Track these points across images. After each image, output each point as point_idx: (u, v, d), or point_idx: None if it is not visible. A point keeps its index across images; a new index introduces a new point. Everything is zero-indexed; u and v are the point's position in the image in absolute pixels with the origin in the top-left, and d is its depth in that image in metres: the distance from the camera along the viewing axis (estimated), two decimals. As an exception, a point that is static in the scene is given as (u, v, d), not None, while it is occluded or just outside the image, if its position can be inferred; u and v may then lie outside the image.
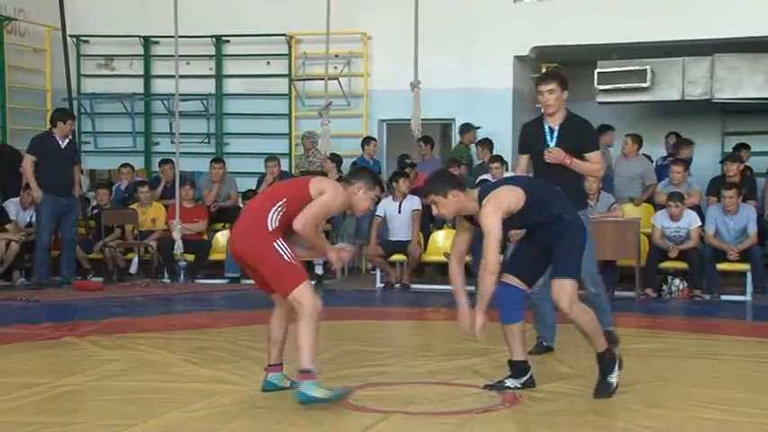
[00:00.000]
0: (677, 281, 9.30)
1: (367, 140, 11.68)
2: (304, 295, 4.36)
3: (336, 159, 11.00)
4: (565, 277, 4.56)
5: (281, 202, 4.46)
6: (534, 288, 5.07)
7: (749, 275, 9.13)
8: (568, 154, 5.73)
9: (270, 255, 4.38)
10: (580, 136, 5.87)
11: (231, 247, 4.67)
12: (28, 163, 9.81)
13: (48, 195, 9.75)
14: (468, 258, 9.76)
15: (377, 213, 10.39)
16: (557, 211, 4.63)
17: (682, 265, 9.31)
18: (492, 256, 4.49)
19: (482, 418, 4.31)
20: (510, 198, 4.55)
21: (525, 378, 4.76)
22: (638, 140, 10.61)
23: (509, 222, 4.59)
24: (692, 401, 4.63)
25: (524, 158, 6.05)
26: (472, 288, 5.07)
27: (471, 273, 6.77)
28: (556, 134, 5.82)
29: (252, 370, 5.35)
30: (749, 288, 9.11)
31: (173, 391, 4.83)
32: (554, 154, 5.75)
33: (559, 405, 4.54)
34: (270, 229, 4.41)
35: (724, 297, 9.13)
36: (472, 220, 4.71)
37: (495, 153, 10.95)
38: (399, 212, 10.27)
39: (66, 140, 10.01)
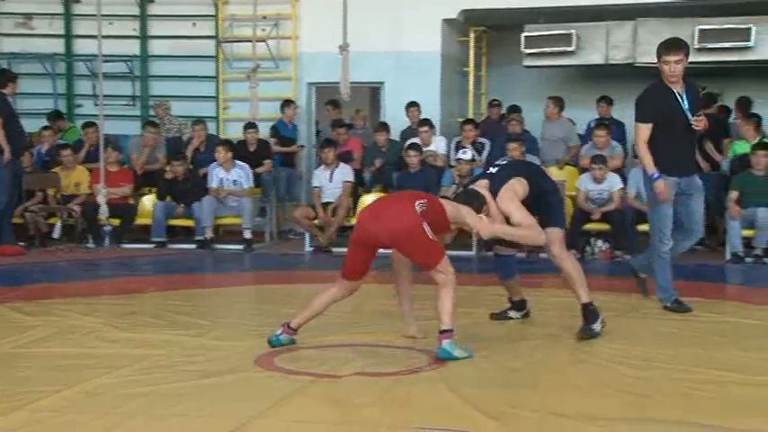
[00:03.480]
0: (600, 242, 9.51)
1: (286, 103, 11.59)
2: (446, 268, 4.78)
3: (229, 145, 10.63)
4: (555, 227, 5.29)
5: (422, 201, 4.87)
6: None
7: (669, 236, 9.37)
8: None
9: (419, 234, 4.75)
10: (700, 99, 6.24)
11: (368, 229, 4.88)
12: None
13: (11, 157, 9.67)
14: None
15: (315, 185, 10.38)
16: (543, 186, 5.35)
17: (604, 226, 9.52)
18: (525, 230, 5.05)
19: (410, 378, 4.37)
20: (520, 189, 5.16)
21: (524, 311, 5.87)
22: (559, 103, 10.78)
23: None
24: (614, 358, 4.78)
25: (648, 127, 6.09)
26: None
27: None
28: (686, 99, 6.04)
29: (179, 334, 5.32)
30: (669, 249, 9.36)
31: (99, 356, 4.78)
32: (702, 122, 6.02)
33: (486, 366, 4.63)
34: (418, 212, 4.80)
35: (645, 258, 9.36)
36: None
37: (423, 117, 10.99)
38: (330, 181, 10.26)
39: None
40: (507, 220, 5.10)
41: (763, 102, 11.03)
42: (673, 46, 6.05)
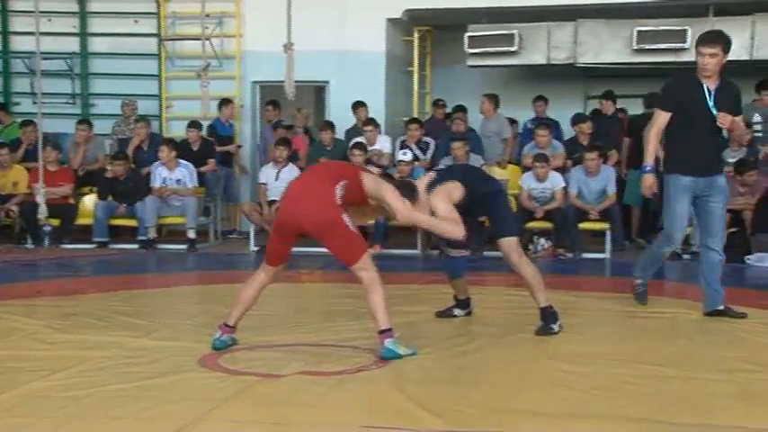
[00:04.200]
0: (543, 240, 9.63)
1: (224, 102, 11.48)
2: (369, 265, 4.70)
3: (172, 144, 10.57)
4: (510, 236, 5.34)
5: (343, 182, 4.74)
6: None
7: (608, 234, 9.55)
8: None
9: (339, 225, 4.66)
10: (734, 100, 5.80)
11: (289, 213, 4.80)
12: None
13: None
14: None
15: (261, 182, 10.34)
16: (482, 188, 5.34)
17: (547, 225, 9.65)
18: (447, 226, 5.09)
19: (355, 378, 4.38)
20: (456, 192, 5.18)
21: (468, 309, 5.93)
22: (493, 100, 10.93)
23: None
24: (556, 354, 4.85)
25: (665, 116, 5.70)
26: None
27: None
28: (713, 96, 5.64)
29: (121, 335, 5.26)
30: (608, 246, 9.53)
31: (38, 359, 4.70)
32: (728, 119, 5.61)
33: (431, 365, 4.66)
34: (338, 202, 4.69)
35: (586, 255, 9.52)
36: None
37: (368, 116, 11.00)
38: (276, 180, 10.22)
39: None
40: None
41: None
42: (708, 38, 5.68)
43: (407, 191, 5.02)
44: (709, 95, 5.65)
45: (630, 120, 10.88)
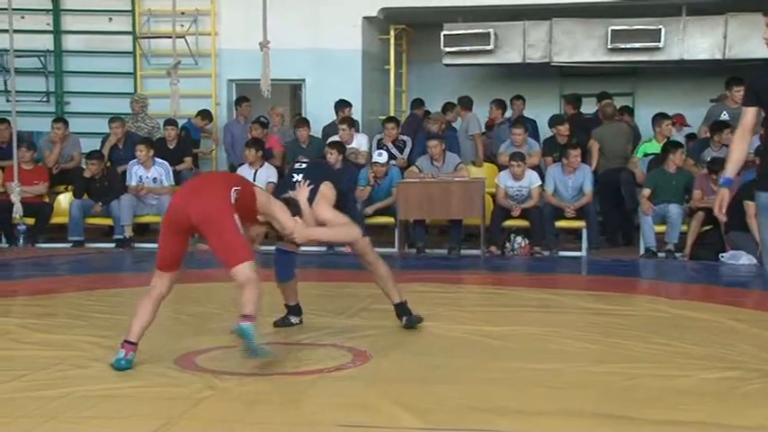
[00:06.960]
0: (519, 238, 9.67)
1: (202, 113, 11.57)
2: (250, 271, 4.45)
3: (149, 143, 10.50)
4: (364, 236, 5.35)
5: (237, 188, 4.60)
6: None
7: (585, 232, 9.61)
8: None
9: (229, 225, 4.46)
10: None
11: (179, 208, 4.55)
12: None
13: None
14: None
15: None
16: (344, 186, 5.56)
17: (523, 223, 9.69)
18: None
19: (334, 376, 4.39)
20: (330, 194, 5.25)
21: (301, 315, 5.64)
22: (464, 102, 11.09)
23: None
24: (530, 353, 4.88)
25: (752, 111, 4.43)
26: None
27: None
28: None
29: (98, 334, 5.25)
30: (584, 244, 9.60)
31: (14, 359, 4.69)
32: None
33: (407, 363, 4.68)
34: (232, 202, 4.52)
35: (562, 253, 9.58)
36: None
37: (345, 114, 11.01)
38: (255, 180, 10.17)
39: None
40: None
41: (672, 102, 11.36)
42: None
43: (292, 208, 4.96)
44: None
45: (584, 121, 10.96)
